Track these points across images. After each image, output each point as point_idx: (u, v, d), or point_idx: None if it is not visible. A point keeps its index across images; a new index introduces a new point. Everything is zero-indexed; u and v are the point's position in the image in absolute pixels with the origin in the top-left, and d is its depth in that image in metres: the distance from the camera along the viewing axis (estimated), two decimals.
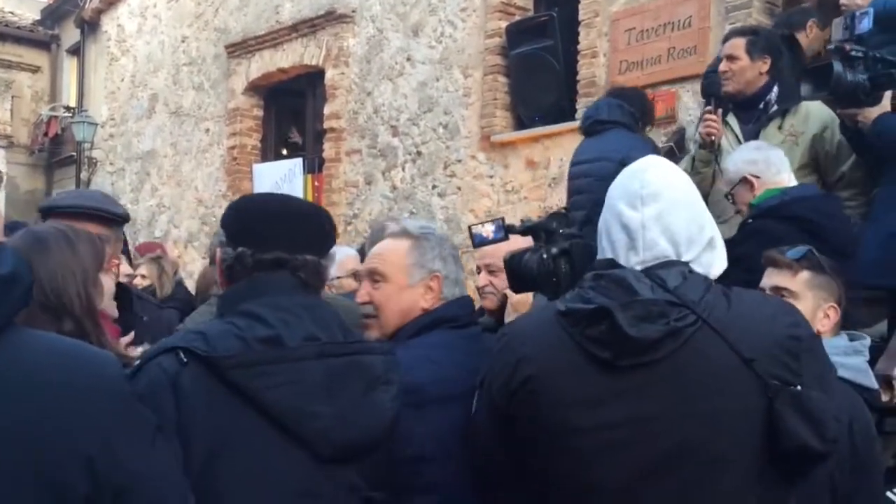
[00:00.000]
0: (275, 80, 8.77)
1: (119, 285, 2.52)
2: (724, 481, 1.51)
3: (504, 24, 6.51)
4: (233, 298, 1.66)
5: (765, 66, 3.68)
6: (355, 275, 3.92)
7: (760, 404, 1.51)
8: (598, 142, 4.20)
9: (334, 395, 1.59)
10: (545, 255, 1.99)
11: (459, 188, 6.83)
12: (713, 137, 3.64)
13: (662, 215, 1.61)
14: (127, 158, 10.68)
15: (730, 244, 1.87)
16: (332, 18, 7.83)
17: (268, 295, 1.63)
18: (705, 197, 3.63)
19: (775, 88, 3.68)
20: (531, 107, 6.38)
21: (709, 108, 3.68)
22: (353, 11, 7.73)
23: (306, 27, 8.11)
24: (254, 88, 8.90)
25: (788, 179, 3.11)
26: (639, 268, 1.59)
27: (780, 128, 3.58)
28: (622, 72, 5.72)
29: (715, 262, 1.65)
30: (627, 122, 4.22)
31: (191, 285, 6.02)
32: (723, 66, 3.72)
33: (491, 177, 6.63)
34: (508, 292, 2.40)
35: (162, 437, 1.40)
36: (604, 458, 1.53)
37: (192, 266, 9.10)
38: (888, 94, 3.25)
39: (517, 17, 6.55)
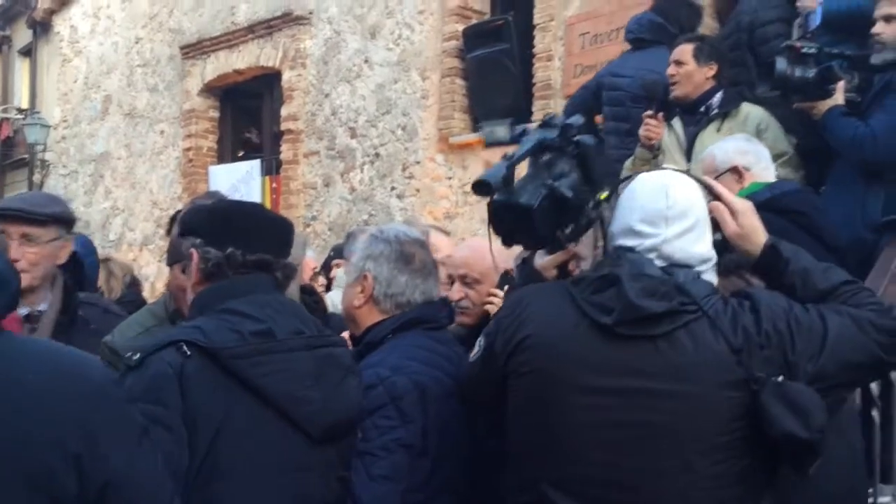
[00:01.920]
0: (231, 82, 8.71)
1: (65, 288, 2.50)
2: (698, 462, 1.59)
3: (461, 28, 6.56)
4: (213, 297, 1.76)
5: (710, 71, 3.84)
6: (313, 276, 3.99)
7: (745, 397, 1.58)
8: (639, 58, 4.35)
9: (320, 382, 1.74)
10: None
11: (418, 190, 6.86)
12: (652, 141, 3.82)
13: (683, 236, 1.70)
14: (80, 161, 10.52)
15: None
16: (288, 20, 7.81)
17: (249, 294, 1.76)
18: None
19: (719, 94, 3.83)
20: (488, 109, 6.44)
21: (649, 112, 3.82)
22: (310, 13, 7.72)
23: (262, 28, 8.07)
24: (209, 90, 8.83)
25: (772, 177, 3.14)
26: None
27: (718, 130, 3.72)
28: (577, 75, 5.80)
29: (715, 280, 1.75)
30: (669, 42, 4.29)
31: (146, 288, 5.97)
32: (671, 70, 3.88)
33: (449, 178, 6.68)
34: (491, 308, 2.36)
35: (148, 437, 1.46)
36: (585, 419, 1.63)
37: (147, 269, 9.00)
38: (841, 87, 3.36)
39: (474, 21, 6.60)
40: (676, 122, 3.86)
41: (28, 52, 12.69)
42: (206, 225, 1.81)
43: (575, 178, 1.78)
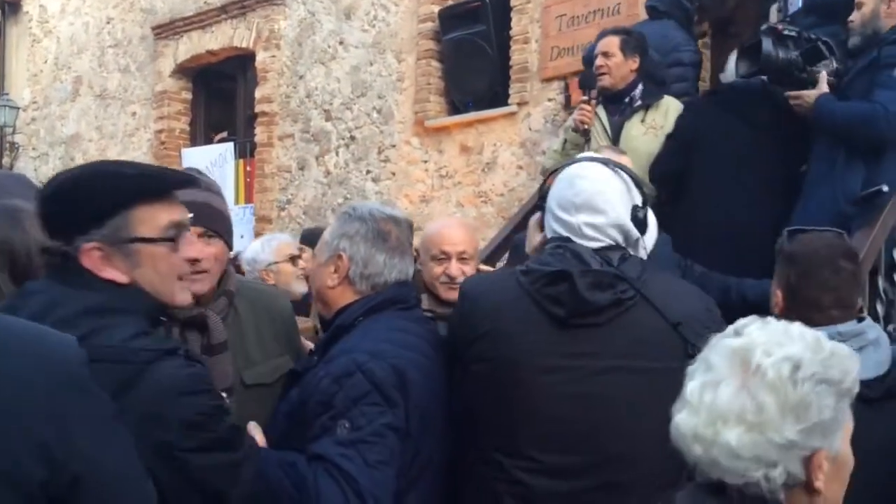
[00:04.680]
0: (204, 63, 8.59)
1: None
2: (644, 424, 1.78)
3: (437, 9, 6.50)
4: None
5: (634, 63, 4.03)
6: (292, 259, 3.91)
7: (683, 365, 1.74)
8: (650, 27, 4.40)
9: None
10: None
11: (394, 173, 6.81)
12: (585, 125, 3.97)
13: (592, 221, 1.90)
14: (50, 143, 10.35)
15: None
16: (262, 0, 7.70)
17: None
18: None
19: (640, 85, 4.02)
20: (464, 92, 6.39)
21: (585, 98, 4.02)
22: None
23: (236, 9, 7.96)
24: (182, 71, 8.70)
25: None
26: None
27: (642, 121, 3.95)
28: (553, 58, 5.78)
29: (642, 253, 1.98)
30: (680, 16, 4.49)
31: None
32: (599, 62, 4.05)
33: (425, 162, 6.63)
34: None
35: (121, 424, 1.38)
36: (543, 393, 1.84)
37: None
38: (824, 76, 3.40)
39: (450, 2, 6.54)
40: (601, 111, 4.04)
41: None
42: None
43: None
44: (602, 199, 1.91)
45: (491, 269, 2.59)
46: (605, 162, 1.99)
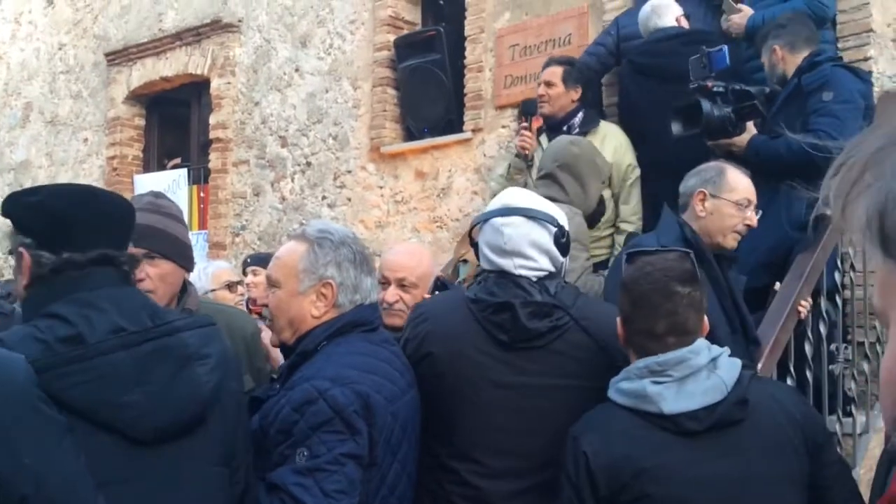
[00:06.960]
0: (157, 89, 8.55)
1: None
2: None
3: (392, 38, 6.58)
4: (38, 301, 1.61)
5: (576, 94, 4.21)
6: (229, 286, 3.88)
7: (606, 384, 2.04)
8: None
9: (143, 382, 1.57)
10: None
11: (349, 199, 6.84)
12: (527, 151, 4.15)
13: (526, 265, 2.14)
14: None
15: None
16: (217, 27, 7.71)
17: (75, 292, 1.59)
18: None
19: (580, 114, 4.20)
20: (420, 119, 6.46)
21: (525, 125, 4.17)
22: (240, 21, 7.64)
23: (190, 36, 7.95)
24: (135, 97, 8.64)
25: None
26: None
27: None
28: (507, 86, 5.88)
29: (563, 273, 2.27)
30: None
31: None
32: (541, 91, 4.25)
33: (381, 187, 6.68)
34: None
35: (69, 438, 1.39)
36: (493, 406, 2.09)
37: None
38: (751, 123, 3.51)
39: (405, 31, 6.63)
40: (543, 138, 4.19)
41: None
42: (33, 225, 1.64)
43: None
44: (527, 243, 2.15)
45: None
46: (524, 212, 2.19)
